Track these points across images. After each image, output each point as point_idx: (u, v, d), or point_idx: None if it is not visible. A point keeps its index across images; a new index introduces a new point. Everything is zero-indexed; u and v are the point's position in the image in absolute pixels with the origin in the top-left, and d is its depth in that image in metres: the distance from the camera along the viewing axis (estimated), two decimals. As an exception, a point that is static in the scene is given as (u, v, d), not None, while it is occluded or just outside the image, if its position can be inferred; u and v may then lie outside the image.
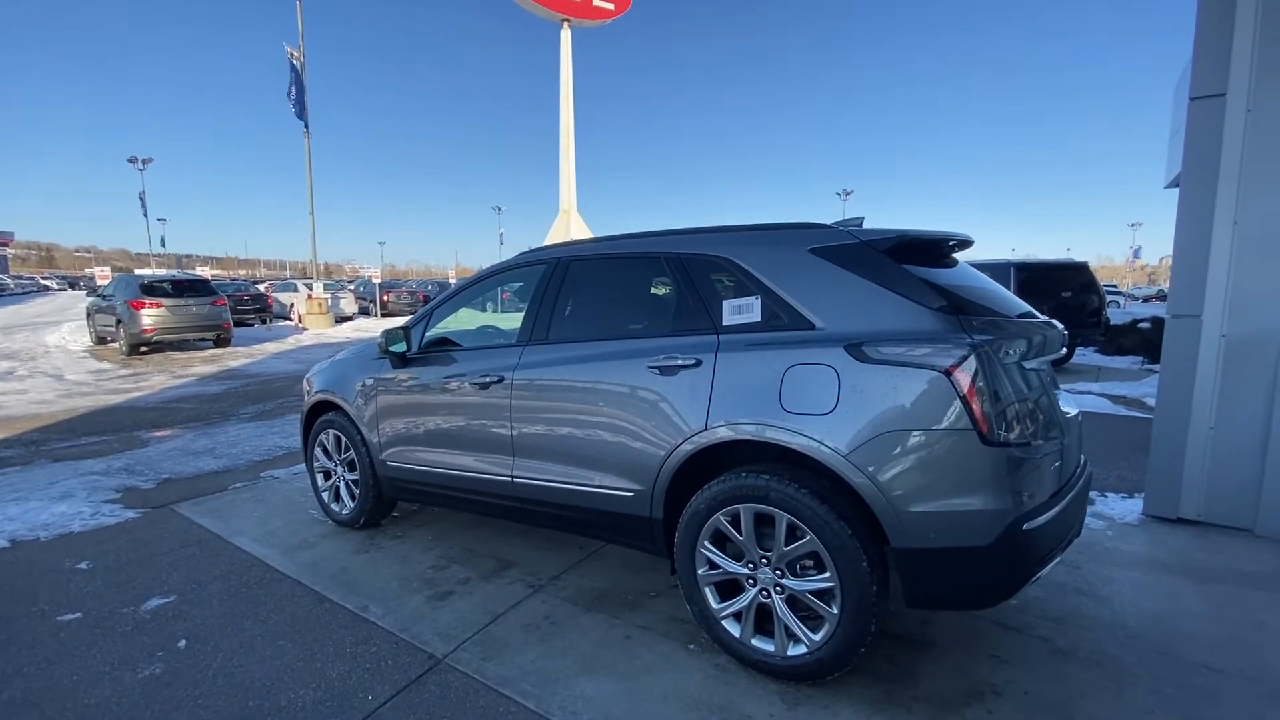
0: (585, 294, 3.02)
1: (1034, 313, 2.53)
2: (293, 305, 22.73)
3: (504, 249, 74.25)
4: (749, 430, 2.26)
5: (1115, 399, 7.78)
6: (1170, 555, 3.36)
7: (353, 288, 28.33)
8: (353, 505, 3.78)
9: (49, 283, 53.77)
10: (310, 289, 21.20)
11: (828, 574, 2.13)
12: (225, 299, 14.37)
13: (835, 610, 2.13)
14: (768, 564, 2.28)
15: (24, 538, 3.70)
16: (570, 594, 3.00)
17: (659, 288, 2.88)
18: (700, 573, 2.44)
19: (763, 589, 2.30)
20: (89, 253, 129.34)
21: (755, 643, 2.33)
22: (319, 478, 4.01)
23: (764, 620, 2.34)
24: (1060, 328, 2.58)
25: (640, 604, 2.89)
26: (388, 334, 3.41)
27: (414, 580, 3.16)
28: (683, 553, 2.47)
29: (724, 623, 2.40)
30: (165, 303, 12.89)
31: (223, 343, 14.17)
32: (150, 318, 12.62)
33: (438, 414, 3.30)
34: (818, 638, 2.19)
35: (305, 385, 4.10)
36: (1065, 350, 2.65)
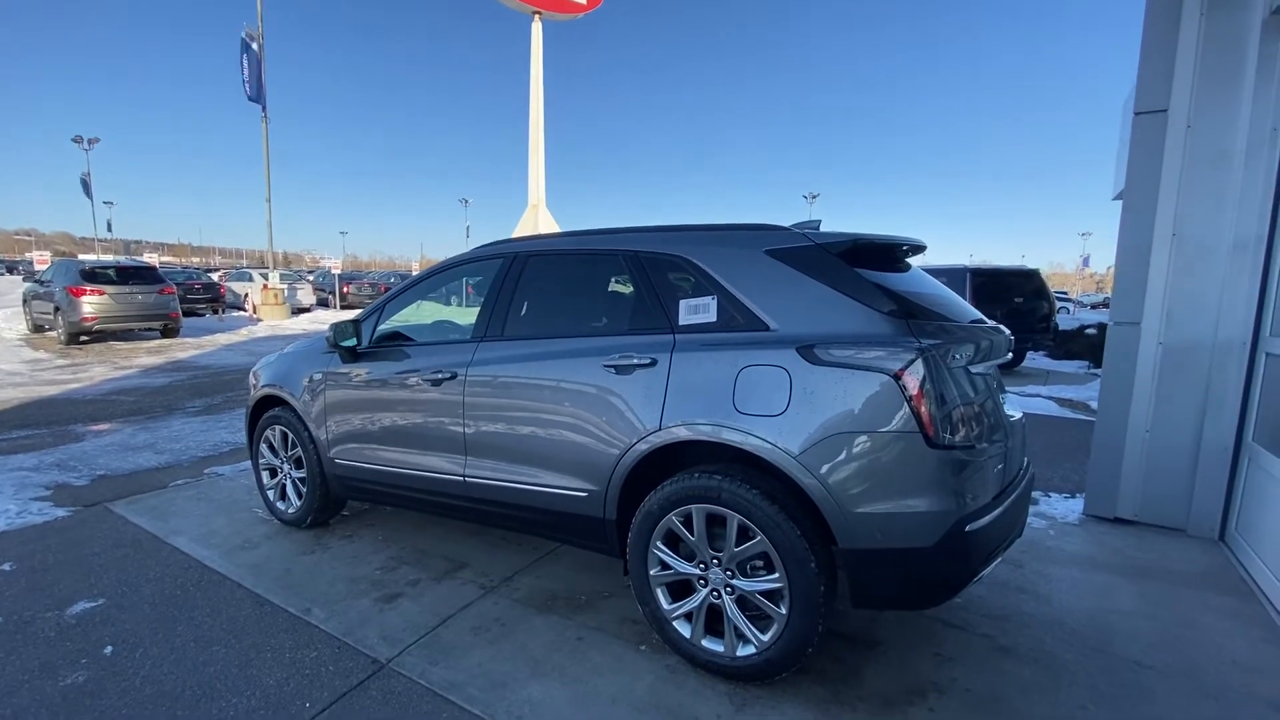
0: (542, 290, 2.97)
1: (983, 319, 2.58)
2: (247, 295, 21.97)
3: (470, 242, 73.13)
4: (705, 430, 2.25)
5: (1062, 402, 8.06)
6: (1107, 554, 3.48)
7: (311, 278, 27.53)
8: (299, 504, 3.66)
9: (-17, 267, 50.97)
10: (266, 279, 20.52)
11: (777, 574, 2.14)
12: (174, 287, 13.78)
13: (784, 610, 2.14)
14: (719, 564, 2.28)
15: (-60, 538, 3.48)
16: (523, 595, 2.95)
17: (616, 286, 2.85)
18: (653, 573, 2.42)
19: (713, 589, 2.30)
20: (28, 235, 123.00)
21: (706, 643, 2.33)
22: (264, 475, 3.87)
23: (714, 621, 2.33)
24: (1007, 333, 2.64)
25: (593, 605, 2.87)
26: (336, 328, 3.31)
27: (361, 582, 3.07)
28: (635, 553, 2.45)
29: (675, 623, 2.39)
30: (108, 290, 12.31)
31: (170, 333, 13.60)
32: (91, 305, 12.04)
33: (388, 410, 3.21)
34: (766, 638, 2.19)
35: (251, 379, 3.96)
36: (1012, 355, 2.71)
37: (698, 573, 2.33)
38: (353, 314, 4.22)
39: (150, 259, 21.81)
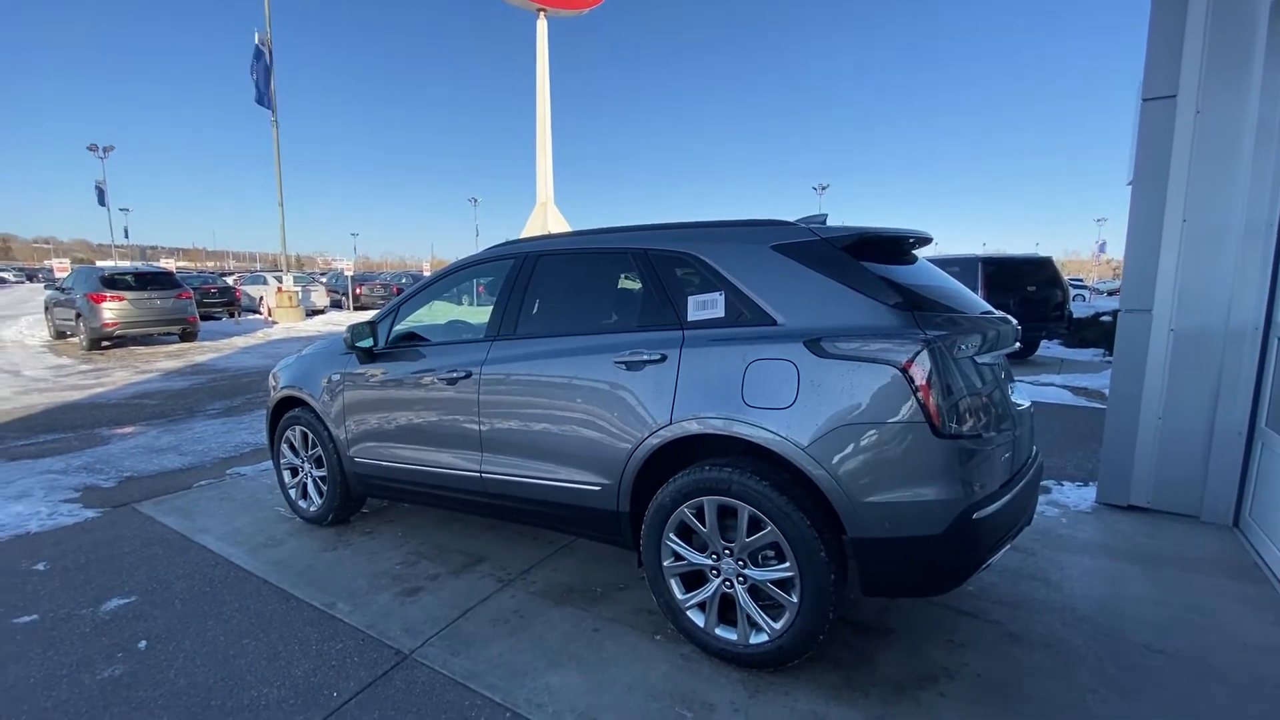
0: (553, 289, 3.02)
1: (991, 310, 2.61)
2: (262, 299, 22.25)
3: (480, 241, 73.49)
4: (715, 424, 2.30)
5: (1076, 390, 8.00)
6: (1120, 541, 3.49)
7: (324, 280, 27.83)
8: (320, 502, 3.75)
9: (5, 275, 51.95)
10: (280, 282, 20.77)
11: (788, 564, 2.18)
12: (190, 292, 14.00)
13: (795, 599, 2.18)
14: (731, 555, 2.33)
15: (-23, 539, 3.60)
16: (540, 588, 3.02)
17: (626, 283, 2.90)
18: (666, 564, 2.48)
19: (726, 579, 2.35)
20: (47, 243, 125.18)
21: (719, 632, 2.38)
22: (286, 474, 3.96)
23: (727, 610, 2.38)
24: (1014, 323, 2.66)
25: (609, 597, 2.93)
26: (353, 329, 3.38)
27: (382, 577, 3.15)
28: (649, 545, 2.50)
29: (689, 613, 2.44)
30: (127, 296, 12.55)
31: (189, 337, 13.85)
32: (111, 311, 12.28)
33: (406, 410, 3.29)
34: (778, 626, 2.24)
35: (271, 381, 4.05)
36: (1019, 345, 2.73)
37: (710, 563, 2.38)
38: (366, 315, 4.30)
39: (167, 264, 22.16)
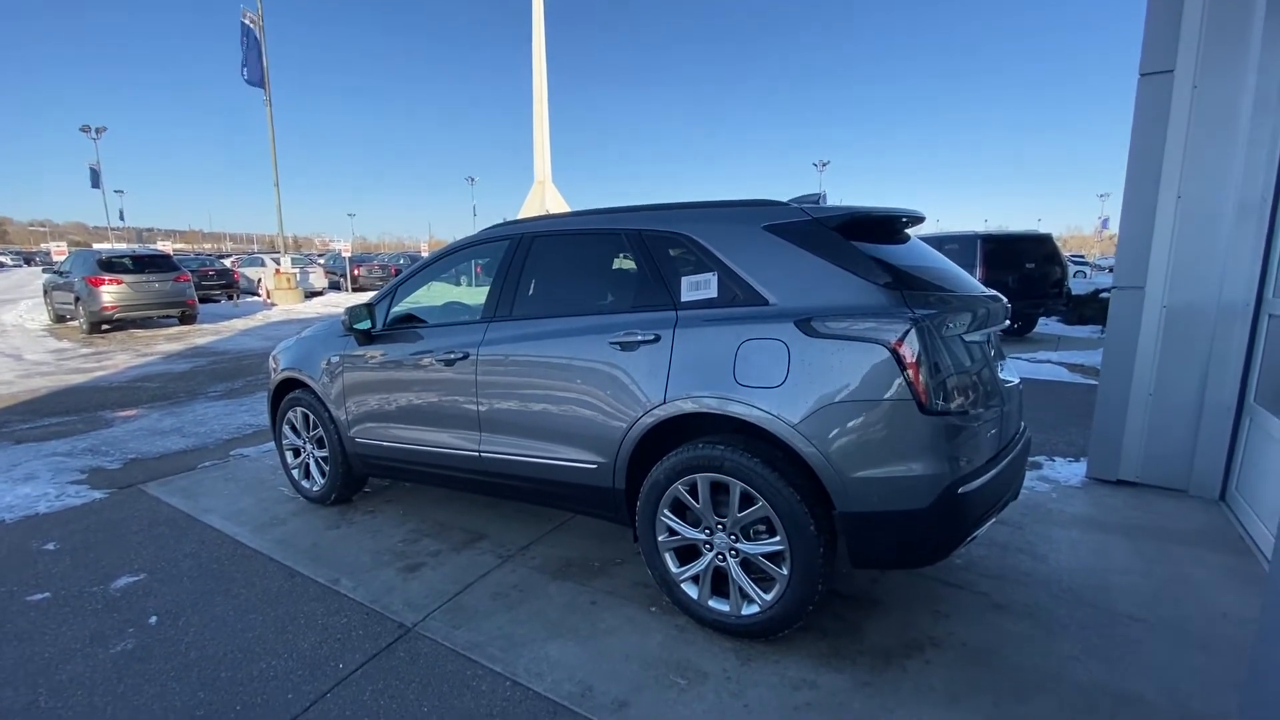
0: (548, 270, 3.05)
1: (981, 288, 2.63)
2: (260, 280, 22.19)
3: (478, 220, 73.06)
4: (708, 403, 2.34)
5: (1072, 367, 8.06)
6: (1107, 515, 3.56)
7: (322, 262, 27.72)
8: (323, 482, 3.82)
9: (3, 258, 51.74)
10: (278, 263, 20.72)
11: (778, 538, 2.25)
12: (189, 274, 13.98)
13: (785, 571, 2.25)
14: (723, 529, 2.39)
15: (-13, 520, 3.68)
16: (539, 563, 3.09)
17: (620, 264, 2.92)
18: (660, 539, 2.54)
19: (718, 553, 2.42)
20: (43, 226, 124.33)
21: (712, 604, 2.45)
22: (288, 455, 4.02)
23: (720, 582, 2.45)
24: (1004, 301, 2.69)
25: (606, 571, 3.00)
26: (352, 311, 3.42)
27: (385, 554, 3.23)
28: (644, 521, 2.56)
29: (683, 585, 2.51)
30: (126, 279, 12.53)
31: (188, 320, 13.86)
32: (110, 295, 12.27)
33: (404, 390, 3.33)
34: (769, 597, 2.31)
35: (271, 363, 4.09)
36: (1010, 322, 2.76)
37: (703, 538, 2.45)
38: (365, 297, 4.33)
39: (164, 246, 22.08)
